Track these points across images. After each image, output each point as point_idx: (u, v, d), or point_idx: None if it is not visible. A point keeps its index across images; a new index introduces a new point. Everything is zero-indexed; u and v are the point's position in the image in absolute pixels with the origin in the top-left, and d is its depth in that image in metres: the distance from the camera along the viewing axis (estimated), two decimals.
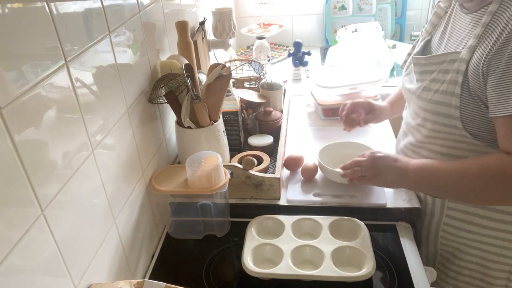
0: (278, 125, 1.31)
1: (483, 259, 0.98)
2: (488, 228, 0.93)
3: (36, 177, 0.56)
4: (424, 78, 0.92)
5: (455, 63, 0.83)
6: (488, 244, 0.95)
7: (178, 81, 0.99)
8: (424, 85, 0.91)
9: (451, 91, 0.84)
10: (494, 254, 0.96)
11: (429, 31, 0.98)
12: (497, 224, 0.92)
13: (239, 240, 0.98)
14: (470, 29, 0.84)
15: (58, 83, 0.62)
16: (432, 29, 0.97)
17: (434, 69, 0.89)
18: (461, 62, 0.82)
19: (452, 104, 0.84)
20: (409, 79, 0.99)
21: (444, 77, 0.86)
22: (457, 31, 0.88)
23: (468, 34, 0.84)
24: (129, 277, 0.88)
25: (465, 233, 0.97)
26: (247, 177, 1.05)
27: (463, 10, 0.87)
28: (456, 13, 0.90)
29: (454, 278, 1.03)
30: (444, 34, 0.93)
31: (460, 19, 0.88)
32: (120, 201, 0.84)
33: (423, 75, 0.92)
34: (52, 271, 0.61)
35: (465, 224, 0.96)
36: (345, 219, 0.98)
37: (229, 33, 1.44)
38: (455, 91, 0.83)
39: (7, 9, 0.51)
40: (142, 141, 0.95)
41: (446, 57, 0.86)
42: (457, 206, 0.95)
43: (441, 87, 0.86)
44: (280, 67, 1.94)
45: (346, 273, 0.84)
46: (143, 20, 0.95)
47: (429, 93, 0.89)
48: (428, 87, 0.90)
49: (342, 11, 2.08)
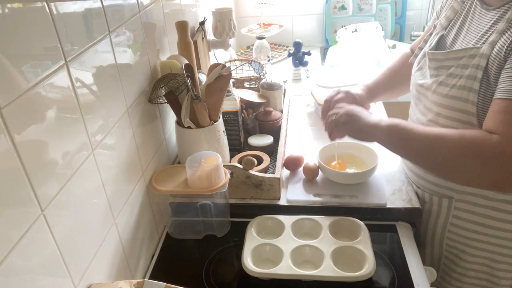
0: (278, 125, 1.31)
1: (489, 260, 0.97)
2: (494, 228, 0.93)
3: (36, 177, 0.56)
4: (440, 73, 0.90)
5: (475, 58, 0.81)
6: (494, 245, 0.94)
7: (178, 81, 0.99)
8: (440, 79, 0.89)
9: (469, 86, 0.82)
10: (500, 254, 0.95)
11: (444, 26, 0.96)
12: (503, 224, 0.91)
13: (239, 240, 0.98)
14: (491, 24, 0.82)
15: (58, 83, 0.62)
16: (447, 24, 0.95)
17: (451, 64, 0.87)
18: (481, 58, 0.80)
19: (470, 99, 0.82)
20: (421, 74, 0.97)
21: (462, 72, 0.84)
22: (476, 27, 0.86)
23: (489, 30, 0.82)
24: (129, 277, 0.88)
25: (471, 233, 0.96)
26: (247, 177, 1.05)
27: (483, 6, 0.86)
28: (476, 9, 0.88)
29: (458, 280, 1.03)
30: (461, 30, 0.91)
31: (480, 15, 0.86)
32: (120, 201, 0.84)
33: (439, 70, 0.90)
34: (52, 271, 0.61)
35: (471, 225, 0.95)
36: (345, 219, 0.98)
37: (229, 33, 1.44)
38: (473, 87, 0.81)
39: (7, 9, 0.51)
40: (142, 141, 0.95)
41: (465, 52, 0.84)
42: (464, 206, 0.94)
43: (458, 82, 0.84)
44: (280, 67, 1.94)
45: (346, 273, 0.84)
46: (143, 20, 0.95)
47: (445, 88, 0.87)
48: (444, 82, 0.87)
49: (342, 11, 2.08)
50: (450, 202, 0.96)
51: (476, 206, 0.93)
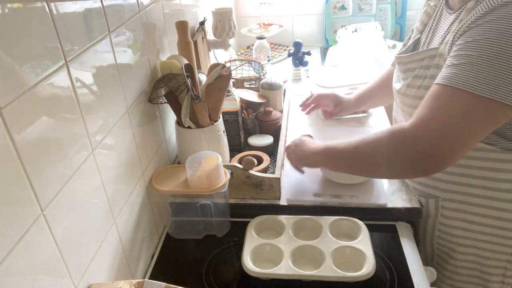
0: (278, 125, 1.31)
1: (478, 256, 0.98)
2: (482, 225, 0.94)
3: (36, 177, 0.56)
4: (408, 75, 0.93)
5: (435, 58, 0.84)
6: (483, 241, 0.96)
7: (178, 81, 0.99)
8: (408, 82, 0.92)
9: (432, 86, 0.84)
10: (489, 250, 0.96)
11: (420, 30, 0.99)
12: (490, 220, 0.92)
13: (239, 240, 0.98)
14: (449, 25, 0.85)
15: (58, 83, 0.62)
16: (422, 28, 0.98)
17: (416, 66, 0.90)
18: (440, 57, 0.83)
19: None
20: (397, 77, 1.01)
21: (426, 73, 0.87)
22: (440, 30, 0.89)
23: (447, 31, 0.85)
24: (129, 277, 0.88)
25: (459, 231, 0.97)
26: (247, 177, 1.05)
27: (447, 10, 0.88)
28: (442, 12, 0.91)
29: (450, 278, 1.04)
30: (429, 33, 0.94)
31: (445, 18, 0.89)
32: (120, 201, 0.84)
33: (407, 73, 0.93)
34: (52, 271, 0.61)
35: (459, 223, 0.96)
36: (345, 219, 0.98)
37: (229, 33, 1.44)
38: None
39: (7, 9, 0.51)
40: (142, 141, 0.95)
41: (426, 54, 0.87)
42: (451, 205, 0.95)
43: (423, 83, 0.87)
44: (280, 67, 1.94)
45: (346, 273, 0.84)
46: (143, 20, 0.95)
47: (412, 90, 0.90)
48: (411, 84, 0.91)
49: (342, 11, 2.08)
50: (437, 202, 0.97)
51: (462, 204, 0.94)
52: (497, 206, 0.91)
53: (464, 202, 0.93)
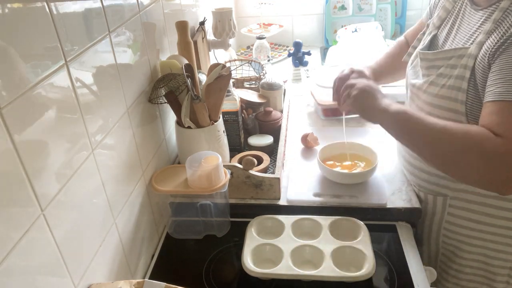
0: (278, 125, 1.31)
1: (484, 256, 0.98)
2: (489, 225, 0.94)
3: (36, 177, 0.56)
4: (431, 73, 0.91)
5: (463, 58, 0.83)
6: (489, 241, 0.96)
7: (178, 81, 0.99)
8: (431, 79, 0.90)
9: (458, 86, 0.84)
10: (495, 250, 0.96)
11: (437, 25, 0.97)
12: (497, 220, 0.92)
13: (239, 240, 0.98)
14: (479, 25, 0.83)
15: (58, 83, 0.62)
16: (440, 23, 0.97)
17: (441, 64, 0.89)
18: (469, 58, 0.82)
19: (459, 99, 0.84)
20: (414, 73, 0.99)
21: (452, 72, 0.85)
22: (466, 27, 0.88)
23: (477, 30, 0.84)
24: (129, 277, 0.88)
25: (466, 230, 0.97)
26: (247, 177, 1.05)
27: (473, 6, 0.87)
28: (466, 8, 0.89)
29: (455, 277, 1.04)
30: (451, 30, 0.92)
31: (470, 15, 0.87)
32: (120, 201, 0.84)
33: (430, 70, 0.92)
34: (52, 271, 0.61)
35: (466, 222, 0.96)
36: (345, 219, 0.98)
37: (229, 33, 1.44)
38: (462, 86, 0.83)
39: (7, 9, 0.51)
40: (142, 141, 0.95)
41: (454, 53, 0.86)
42: (459, 204, 0.95)
43: (448, 82, 0.86)
44: (280, 67, 1.94)
45: (346, 273, 0.84)
46: (143, 20, 0.95)
47: (436, 88, 0.89)
48: (435, 82, 0.89)
49: (342, 11, 2.08)
50: (445, 200, 0.97)
51: (470, 203, 0.94)
52: (506, 206, 0.91)
53: (472, 202, 0.93)
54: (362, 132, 1.34)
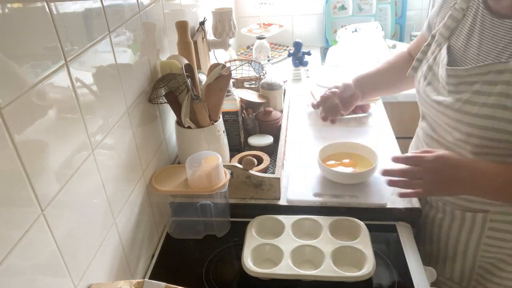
0: (278, 125, 1.31)
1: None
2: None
3: (36, 177, 0.56)
4: (463, 89, 0.84)
5: (504, 73, 0.77)
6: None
7: (178, 81, 0.99)
8: (465, 97, 0.83)
9: (502, 104, 0.78)
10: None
11: (446, 36, 0.91)
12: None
13: (239, 240, 0.98)
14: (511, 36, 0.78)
15: (58, 83, 0.62)
16: (449, 33, 0.90)
17: (475, 81, 0.82)
18: (511, 73, 0.77)
19: (504, 118, 0.78)
20: (434, 89, 0.92)
21: (492, 89, 0.79)
22: (491, 38, 0.82)
23: (510, 42, 0.78)
24: (129, 277, 0.88)
25: (508, 243, 0.92)
26: (247, 177, 1.05)
27: (494, 15, 0.81)
28: (485, 18, 0.83)
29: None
30: (470, 42, 0.86)
31: (493, 26, 0.81)
32: (120, 201, 0.84)
33: (461, 87, 0.85)
34: (52, 271, 0.61)
35: (507, 235, 0.92)
36: (345, 219, 0.98)
37: (229, 33, 1.44)
38: (507, 104, 0.77)
39: (7, 9, 0.51)
40: (142, 141, 0.95)
41: (491, 68, 0.80)
42: (502, 218, 0.91)
43: (488, 100, 0.80)
44: (280, 67, 1.94)
45: (346, 273, 0.84)
46: (143, 20, 0.95)
47: (473, 107, 0.82)
48: (471, 100, 0.82)
49: (342, 11, 2.08)
50: (485, 216, 0.92)
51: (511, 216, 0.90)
52: None
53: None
54: (362, 132, 1.34)
